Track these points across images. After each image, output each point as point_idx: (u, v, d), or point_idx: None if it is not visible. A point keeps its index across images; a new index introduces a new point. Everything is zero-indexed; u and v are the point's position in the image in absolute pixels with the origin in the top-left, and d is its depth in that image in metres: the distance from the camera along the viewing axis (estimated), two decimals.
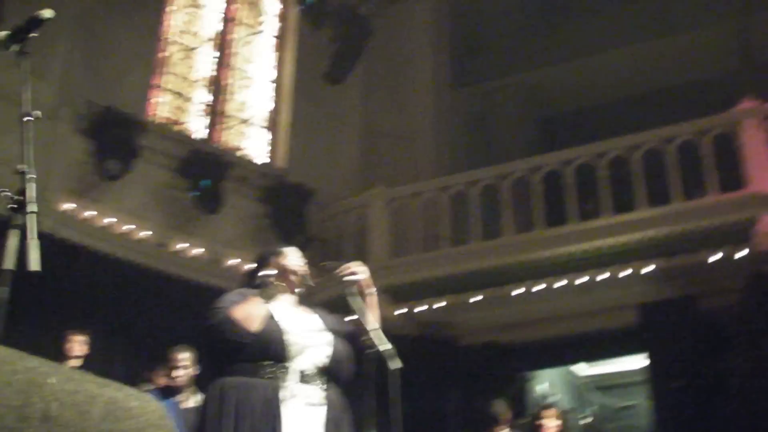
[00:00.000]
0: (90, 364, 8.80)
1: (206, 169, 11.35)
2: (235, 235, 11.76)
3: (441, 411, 11.01)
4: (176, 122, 12.25)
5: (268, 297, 3.92)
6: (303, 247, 11.72)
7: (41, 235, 9.08)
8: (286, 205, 11.94)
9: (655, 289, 10.28)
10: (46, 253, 8.88)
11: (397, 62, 13.90)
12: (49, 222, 9.95)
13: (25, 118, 2.77)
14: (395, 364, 3.94)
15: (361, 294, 4.06)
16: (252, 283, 4.13)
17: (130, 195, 10.94)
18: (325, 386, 3.89)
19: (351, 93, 13.47)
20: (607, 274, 10.34)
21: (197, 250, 11.25)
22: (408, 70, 13.89)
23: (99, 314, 9.90)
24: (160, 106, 12.12)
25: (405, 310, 11.35)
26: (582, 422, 12.16)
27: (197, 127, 12.45)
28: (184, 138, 11.94)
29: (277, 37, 13.66)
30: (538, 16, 13.88)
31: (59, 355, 7.95)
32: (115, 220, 10.70)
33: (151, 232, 10.96)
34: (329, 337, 3.99)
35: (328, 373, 3.92)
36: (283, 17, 13.79)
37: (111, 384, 1.37)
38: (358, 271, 4.07)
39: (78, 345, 7.94)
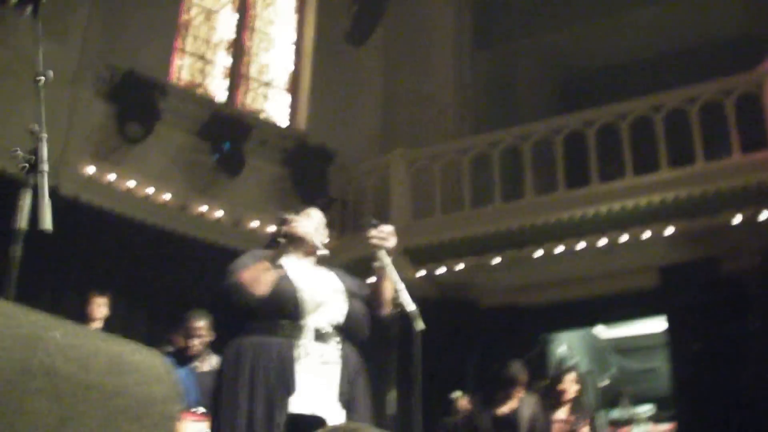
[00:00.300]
0: (112, 326, 8.89)
1: (228, 132, 11.36)
2: (256, 197, 11.79)
3: (460, 372, 11.05)
4: (198, 85, 12.25)
5: (279, 258, 3.93)
6: (324, 209, 11.74)
7: (64, 199, 9.17)
8: (307, 168, 11.94)
9: (676, 251, 10.24)
10: (69, 216, 8.93)
11: (418, 24, 13.81)
12: (72, 186, 10.02)
13: (39, 79, 2.78)
14: (419, 325, 3.97)
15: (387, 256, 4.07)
16: (271, 244, 4.16)
17: (152, 158, 10.97)
18: (340, 344, 3.91)
19: (372, 55, 13.41)
20: (628, 236, 10.28)
21: (219, 213, 11.28)
22: (429, 31, 13.80)
23: (121, 277, 9.98)
24: (182, 69, 12.12)
25: (425, 272, 11.36)
26: (600, 384, 12.16)
27: (219, 89, 12.45)
28: (205, 101, 11.95)
29: None
30: None
31: (82, 317, 8.03)
32: (137, 183, 10.74)
33: (172, 195, 11.01)
34: (345, 296, 4.01)
35: (344, 331, 3.94)
36: None
37: (115, 339, 1.39)
38: (388, 237, 4.05)
39: (99, 306, 8.01)
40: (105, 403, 1.27)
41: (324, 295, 3.94)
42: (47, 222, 2.48)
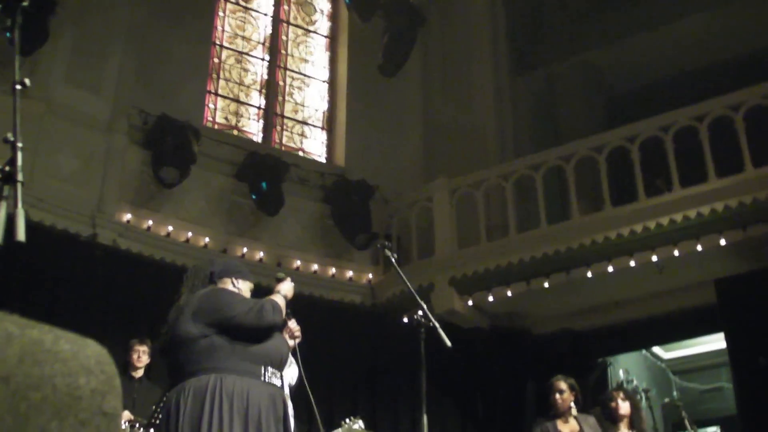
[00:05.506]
0: (156, 374, 8.75)
1: (265, 172, 11.23)
2: (297, 236, 11.65)
3: (519, 401, 10.77)
4: (232, 127, 12.19)
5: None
6: (367, 245, 11.51)
7: (101, 247, 9.05)
8: (348, 204, 11.76)
9: (731, 264, 9.88)
10: (107, 264, 8.78)
11: (455, 50, 13.63)
12: (109, 233, 9.95)
13: (16, 87, 2.64)
14: (447, 342, 3.98)
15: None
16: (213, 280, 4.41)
17: (189, 202, 10.91)
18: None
19: (409, 85, 13.25)
20: (679, 251, 9.93)
21: (260, 254, 11.14)
22: (466, 57, 13.60)
23: (163, 323, 9.84)
24: (216, 112, 12.07)
25: (473, 302, 11.10)
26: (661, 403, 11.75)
27: (254, 130, 12.37)
28: (241, 142, 11.87)
29: (328, 36, 13.54)
30: None
31: (125, 365, 7.90)
32: (175, 228, 10.65)
33: (212, 238, 10.89)
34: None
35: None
36: (333, 16, 13.67)
37: (40, 326, 1.19)
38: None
39: (140, 354, 7.89)
40: (15, 397, 1.06)
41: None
42: (21, 233, 2.32)
